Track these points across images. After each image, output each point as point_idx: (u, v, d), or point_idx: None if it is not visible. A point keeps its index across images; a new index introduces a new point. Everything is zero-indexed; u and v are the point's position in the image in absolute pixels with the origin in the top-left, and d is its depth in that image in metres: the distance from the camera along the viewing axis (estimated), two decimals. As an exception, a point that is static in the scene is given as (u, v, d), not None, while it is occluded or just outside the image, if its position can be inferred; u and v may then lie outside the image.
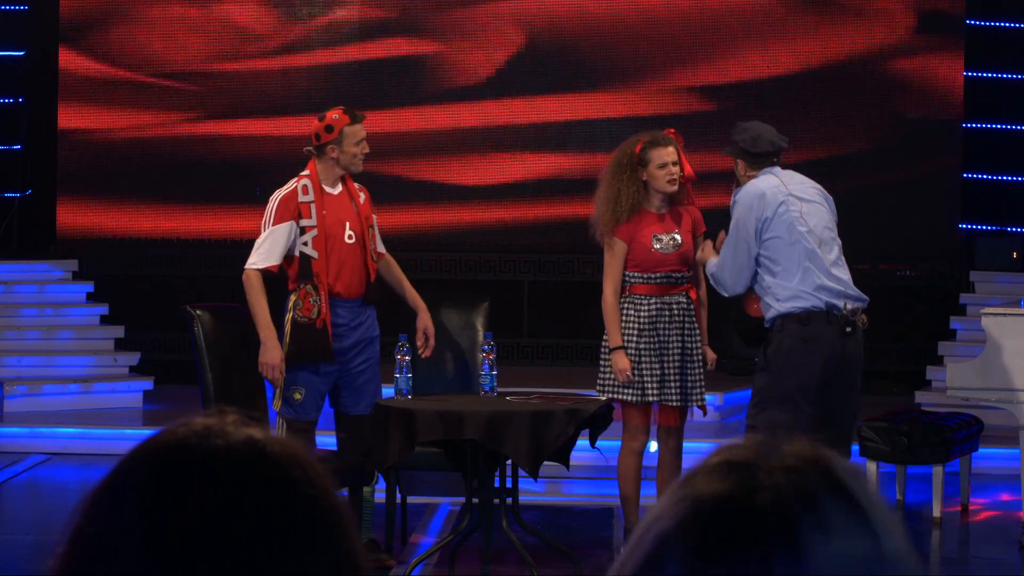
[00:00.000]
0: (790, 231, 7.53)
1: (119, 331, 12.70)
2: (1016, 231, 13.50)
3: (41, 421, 11.37)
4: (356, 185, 7.96)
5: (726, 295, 7.73)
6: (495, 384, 7.74)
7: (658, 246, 7.76)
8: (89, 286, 12.93)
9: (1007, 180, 13.60)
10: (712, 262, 7.72)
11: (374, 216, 7.99)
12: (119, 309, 12.83)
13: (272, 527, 1.24)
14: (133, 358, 12.52)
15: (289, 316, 7.77)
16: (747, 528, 1.21)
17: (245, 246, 13.08)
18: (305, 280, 7.74)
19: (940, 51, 13.43)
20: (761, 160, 7.64)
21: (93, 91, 13.43)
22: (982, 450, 9.88)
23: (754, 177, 7.64)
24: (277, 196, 7.82)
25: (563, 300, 13.33)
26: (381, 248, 8.02)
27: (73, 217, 13.49)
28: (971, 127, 13.55)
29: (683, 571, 1.21)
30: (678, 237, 7.79)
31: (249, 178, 13.30)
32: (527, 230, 13.48)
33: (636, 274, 7.79)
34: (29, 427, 11.24)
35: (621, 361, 7.72)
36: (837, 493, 1.24)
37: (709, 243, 7.86)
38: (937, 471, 9.17)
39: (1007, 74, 13.57)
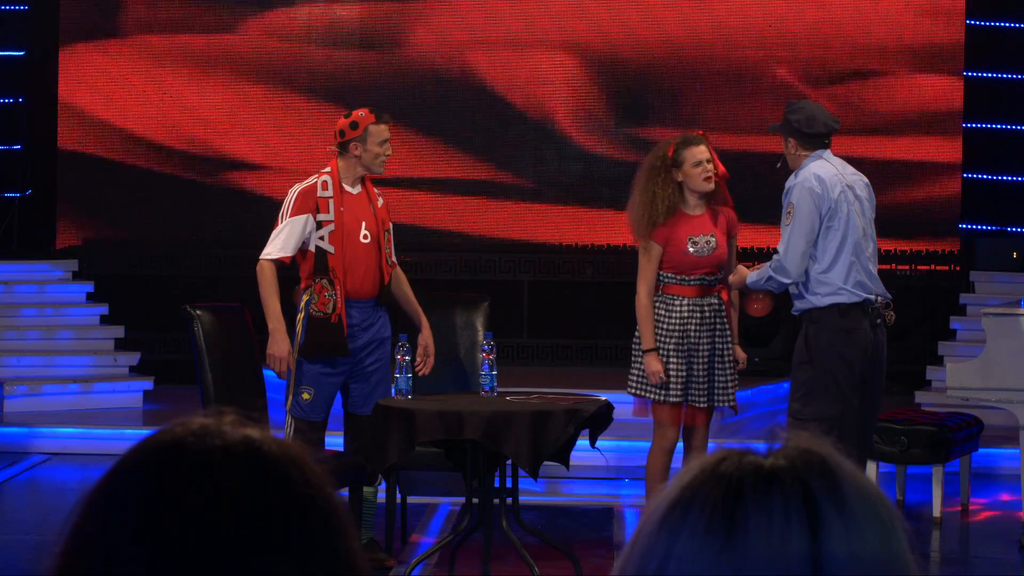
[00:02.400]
0: (845, 222, 7.56)
1: (119, 331, 12.70)
2: (1016, 231, 13.50)
3: (41, 421, 11.37)
4: (375, 189, 7.95)
5: (788, 282, 7.60)
6: (495, 384, 7.73)
7: (693, 249, 7.73)
8: (89, 286, 12.92)
9: (1007, 180, 13.60)
10: (753, 273, 7.69)
11: (390, 223, 7.99)
12: (119, 309, 12.83)
13: (269, 526, 1.24)
14: (133, 358, 12.51)
15: (302, 312, 7.76)
16: (767, 480, 1.21)
17: (246, 246, 13.13)
18: (320, 275, 7.72)
19: (940, 51, 13.43)
20: (814, 141, 7.65)
21: (93, 91, 13.43)
22: (982, 450, 9.87)
23: (804, 157, 7.63)
24: (296, 189, 7.81)
25: (563, 300, 13.33)
26: (395, 258, 8.01)
27: (73, 217, 13.49)
28: (971, 127, 13.54)
29: (710, 511, 1.20)
30: (713, 239, 7.75)
31: (250, 178, 13.30)
32: (527, 230, 13.49)
33: (671, 275, 7.78)
34: (29, 427, 11.24)
35: (654, 363, 7.70)
36: (844, 473, 1.24)
37: (741, 266, 7.83)
38: (937, 471, 9.17)
39: (1007, 74, 13.57)
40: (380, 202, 7.91)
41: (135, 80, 13.43)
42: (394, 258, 7.98)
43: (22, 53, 13.62)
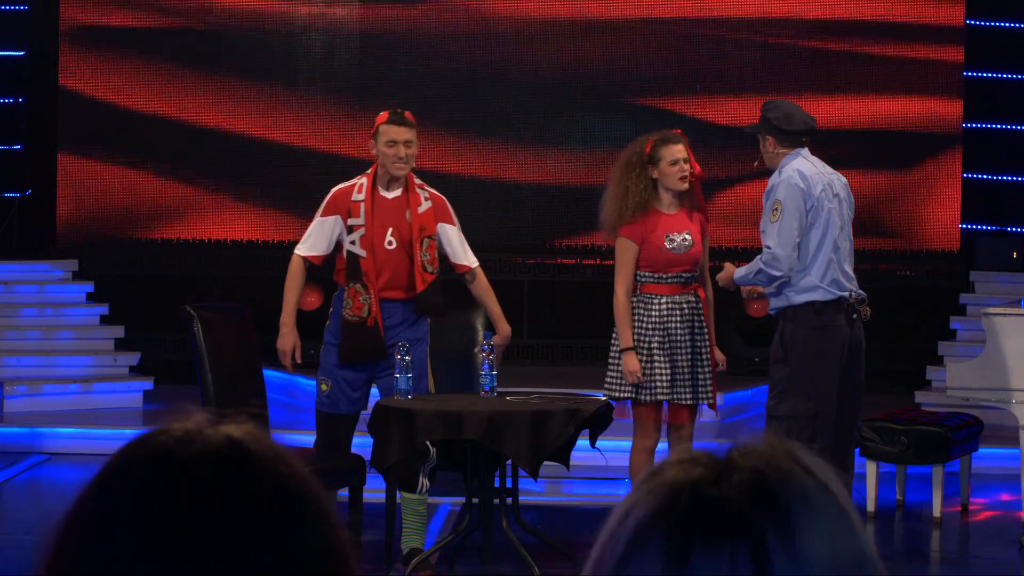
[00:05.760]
0: (826, 220, 7.58)
1: (119, 331, 12.70)
2: (1016, 231, 13.50)
3: (41, 421, 11.37)
4: (424, 193, 7.78)
5: (780, 273, 7.55)
6: (495, 384, 7.73)
7: (671, 246, 7.75)
8: (89, 286, 12.93)
9: (1007, 180, 13.60)
10: (741, 268, 7.70)
11: (454, 227, 7.82)
12: (119, 309, 12.83)
13: (258, 524, 1.24)
14: (133, 358, 12.51)
15: (335, 314, 7.73)
16: (726, 506, 1.22)
17: (246, 246, 13.15)
18: (353, 279, 7.68)
19: (940, 51, 13.43)
20: (792, 139, 7.66)
21: (93, 91, 13.42)
22: (982, 450, 9.87)
23: (783, 156, 7.64)
24: (334, 189, 7.80)
25: (563, 300, 13.32)
26: (468, 261, 7.89)
27: (73, 217, 13.49)
28: (971, 127, 13.54)
29: (664, 557, 1.22)
30: (689, 237, 7.78)
31: (249, 178, 13.30)
32: (527, 230, 13.49)
33: (648, 273, 7.79)
34: (29, 427, 11.24)
35: (631, 362, 7.71)
36: (811, 475, 1.25)
37: (728, 264, 7.85)
38: (937, 471, 9.17)
39: (1007, 74, 13.57)
40: (424, 207, 7.76)
41: (135, 80, 13.43)
42: (467, 261, 7.88)
43: (22, 53, 13.62)
